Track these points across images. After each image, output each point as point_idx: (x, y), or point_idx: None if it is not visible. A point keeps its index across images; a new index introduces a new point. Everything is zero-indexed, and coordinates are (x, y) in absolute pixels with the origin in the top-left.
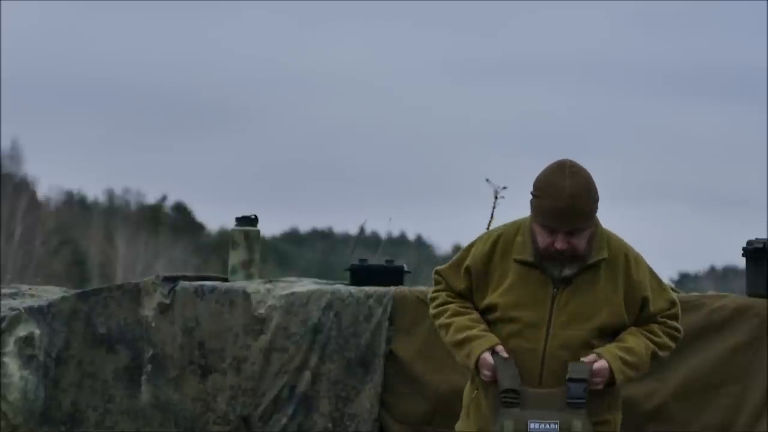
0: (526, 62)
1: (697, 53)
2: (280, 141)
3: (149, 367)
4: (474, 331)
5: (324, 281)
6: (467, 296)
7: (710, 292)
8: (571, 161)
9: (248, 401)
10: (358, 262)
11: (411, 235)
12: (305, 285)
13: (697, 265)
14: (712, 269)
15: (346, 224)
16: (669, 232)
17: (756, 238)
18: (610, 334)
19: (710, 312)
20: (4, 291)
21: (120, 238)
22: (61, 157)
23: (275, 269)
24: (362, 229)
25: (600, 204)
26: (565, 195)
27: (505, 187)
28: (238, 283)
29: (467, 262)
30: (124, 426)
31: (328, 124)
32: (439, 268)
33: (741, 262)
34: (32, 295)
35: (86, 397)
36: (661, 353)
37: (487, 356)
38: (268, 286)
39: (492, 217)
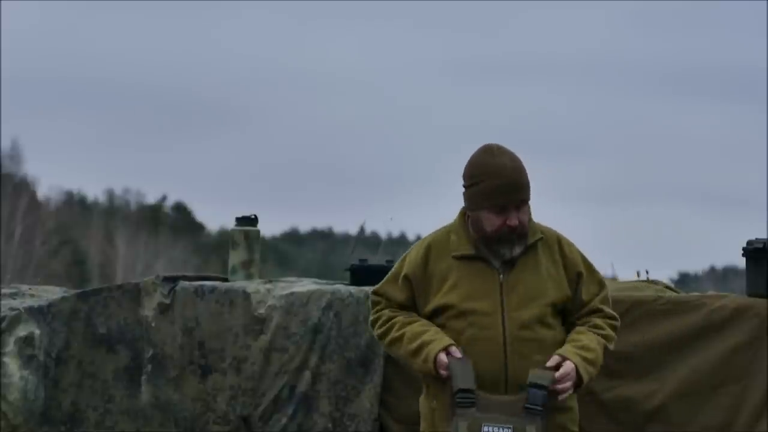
0: (526, 62)
1: (697, 53)
2: (280, 141)
3: (149, 367)
4: (426, 336)
5: (324, 281)
6: (410, 306)
7: (710, 292)
8: (495, 144)
9: (248, 401)
10: (358, 262)
11: (411, 235)
12: (305, 285)
13: (697, 265)
14: (712, 269)
15: (346, 224)
16: (669, 232)
17: (756, 238)
18: (560, 309)
19: (710, 312)
20: (4, 291)
21: (120, 238)
22: (61, 157)
23: (275, 269)
24: (362, 229)
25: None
26: (508, 169)
27: None
28: (238, 283)
29: (404, 271)
30: (124, 426)
31: (328, 124)
32: (374, 288)
33: (741, 262)
34: (32, 295)
35: (86, 397)
36: (610, 346)
37: (443, 357)
38: (268, 286)
39: None
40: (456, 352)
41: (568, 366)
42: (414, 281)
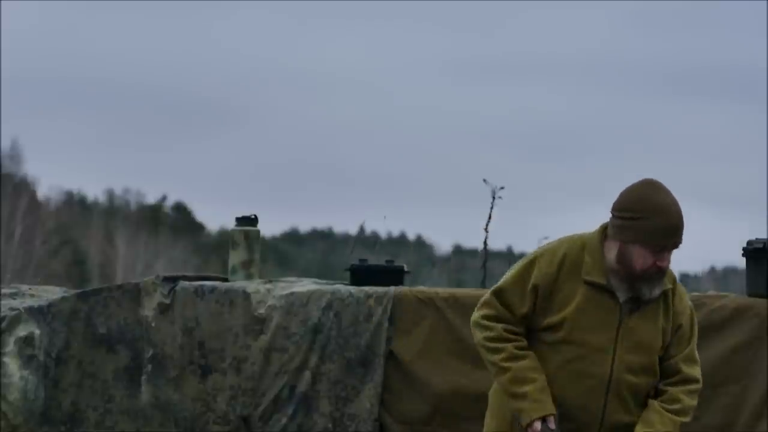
0: (526, 62)
1: (697, 53)
2: (280, 141)
3: (149, 367)
4: (532, 389)
5: (324, 281)
6: (527, 317)
7: (710, 292)
8: (655, 179)
9: (248, 401)
10: (358, 262)
11: (411, 235)
12: (305, 285)
13: (697, 265)
14: (712, 269)
15: (346, 224)
16: None
17: (756, 238)
18: (659, 355)
19: (710, 312)
20: (4, 291)
21: (120, 238)
22: (61, 157)
23: (275, 269)
24: (362, 229)
25: None
26: (673, 211)
27: (502, 188)
28: (238, 283)
29: (534, 280)
30: (124, 426)
31: (328, 123)
32: (498, 287)
33: (741, 262)
34: (32, 295)
35: (86, 397)
36: (686, 419)
37: (537, 425)
38: (268, 286)
39: (490, 217)
40: (551, 422)
41: None
42: (540, 293)
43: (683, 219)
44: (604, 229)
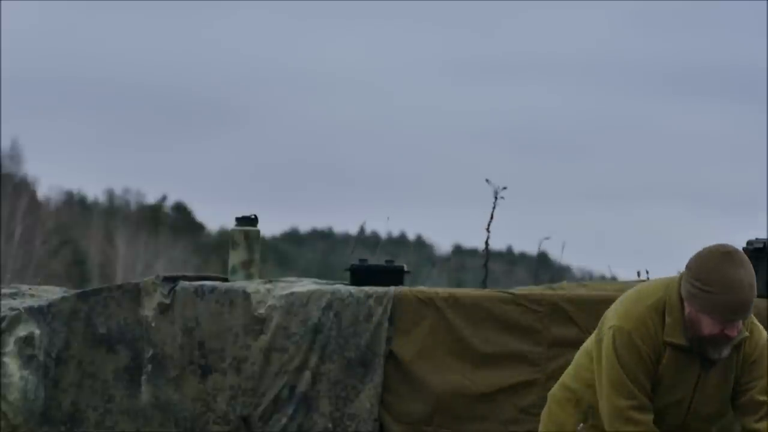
0: (526, 62)
1: (697, 53)
2: (280, 141)
3: (149, 367)
4: None
5: (324, 281)
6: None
7: None
8: (733, 248)
9: (248, 401)
10: (358, 262)
11: (411, 235)
12: (305, 285)
13: None
14: None
15: (346, 224)
16: (669, 232)
17: (756, 238)
18: (737, 392)
19: None
20: (4, 291)
21: (120, 238)
22: (61, 157)
23: (275, 269)
24: (362, 229)
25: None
26: (746, 288)
27: (504, 188)
28: (238, 283)
29: (644, 350)
30: (124, 426)
31: (328, 123)
32: (629, 378)
33: None
34: (32, 295)
35: (86, 397)
36: None
37: None
38: (268, 286)
39: (492, 217)
40: None
41: None
42: (652, 359)
43: (754, 292)
44: (679, 285)
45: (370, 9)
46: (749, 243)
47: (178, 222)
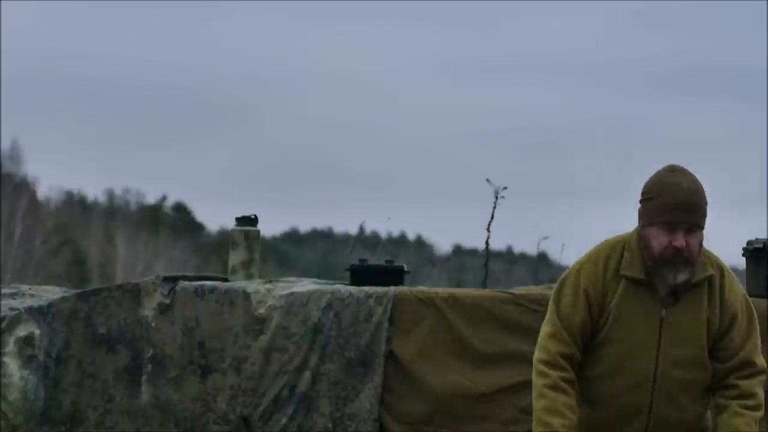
0: (525, 62)
1: (697, 53)
2: (279, 141)
3: (149, 367)
4: (559, 424)
5: (324, 281)
6: (584, 326)
7: None
8: (680, 166)
9: (248, 401)
10: (358, 262)
11: (411, 235)
12: (305, 285)
13: None
14: None
15: (346, 224)
16: None
17: (756, 238)
18: (709, 348)
19: None
20: (4, 291)
21: (120, 238)
22: (61, 157)
23: (275, 269)
24: (362, 229)
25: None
26: (684, 189)
27: (505, 188)
28: (238, 283)
29: (583, 284)
30: (124, 426)
31: (327, 123)
32: (555, 300)
33: (741, 262)
34: (32, 295)
35: (86, 397)
36: (760, 413)
37: None
38: (268, 286)
39: (492, 217)
40: None
41: None
42: (592, 298)
43: (699, 197)
44: None
45: (370, 9)
46: (749, 243)
47: (178, 222)
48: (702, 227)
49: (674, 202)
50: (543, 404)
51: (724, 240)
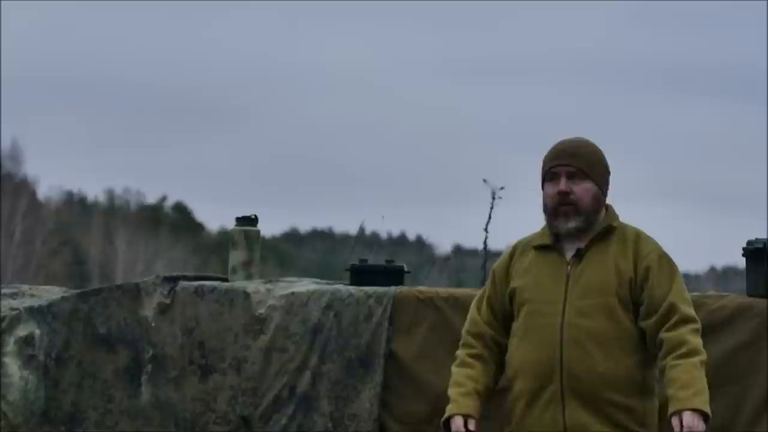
0: (525, 61)
1: (697, 52)
2: (280, 141)
3: (149, 367)
4: (456, 393)
5: (324, 281)
6: (492, 303)
7: (710, 292)
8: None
9: (248, 401)
10: (358, 262)
11: (411, 235)
12: (305, 285)
13: (697, 265)
14: (712, 269)
15: (346, 224)
16: (669, 232)
17: (756, 238)
18: (627, 303)
19: (710, 312)
20: (4, 291)
21: (120, 238)
22: (61, 157)
23: (275, 269)
24: (362, 229)
25: (608, 176)
26: (564, 141)
27: (502, 188)
28: (238, 283)
29: (494, 267)
30: (124, 426)
31: (327, 123)
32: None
33: (741, 262)
34: (32, 295)
35: (86, 397)
36: (703, 357)
37: (458, 421)
38: (268, 286)
39: (490, 217)
40: (471, 425)
41: (687, 420)
42: (498, 277)
43: (574, 146)
44: None
45: (370, 9)
46: (749, 243)
47: (178, 222)
48: (588, 176)
49: (554, 151)
50: (450, 381)
51: (724, 240)
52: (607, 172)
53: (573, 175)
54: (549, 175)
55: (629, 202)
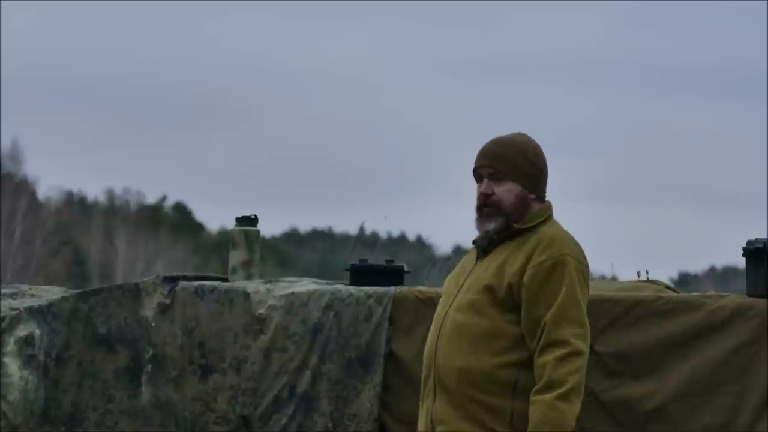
0: (524, 61)
1: (697, 52)
2: (279, 141)
3: (149, 367)
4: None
5: (324, 281)
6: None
7: (710, 292)
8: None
9: (248, 401)
10: (358, 262)
11: (411, 235)
12: (305, 285)
13: (697, 265)
14: (712, 269)
15: (346, 224)
16: (669, 232)
17: (756, 238)
18: (502, 299)
19: (710, 312)
20: (4, 291)
21: (120, 238)
22: (61, 157)
23: (275, 269)
24: (362, 229)
25: (539, 174)
26: (489, 141)
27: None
28: (238, 283)
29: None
30: (124, 426)
31: (327, 123)
32: None
33: (741, 262)
34: (32, 295)
35: (86, 397)
36: (562, 390)
37: None
38: (268, 286)
39: None
40: None
41: None
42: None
43: (495, 146)
44: None
45: (369, 8)
46: (749, 243)
47: (178, 222)
48: (508, 176)
49: (479, 152)
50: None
51: (724, 240)
52: (538, 171)
53: (494, 176)
54: (475, 175)
55: (629, 202)
